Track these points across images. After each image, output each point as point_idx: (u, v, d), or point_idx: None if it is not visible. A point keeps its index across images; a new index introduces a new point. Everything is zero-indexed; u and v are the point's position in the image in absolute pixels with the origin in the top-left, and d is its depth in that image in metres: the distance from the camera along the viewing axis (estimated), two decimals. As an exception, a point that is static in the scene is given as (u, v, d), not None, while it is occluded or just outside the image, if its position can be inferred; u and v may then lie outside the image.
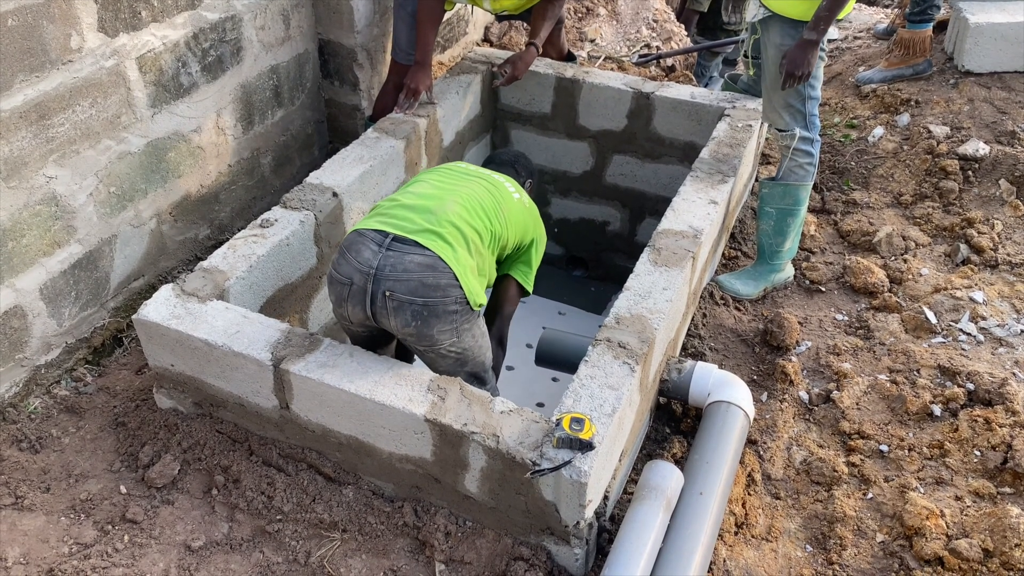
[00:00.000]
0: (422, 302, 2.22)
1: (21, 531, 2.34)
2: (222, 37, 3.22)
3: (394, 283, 2.21)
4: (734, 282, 3.31)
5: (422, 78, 3.40)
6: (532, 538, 2.24)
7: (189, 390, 2.57)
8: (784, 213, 3.23)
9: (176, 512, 2.39)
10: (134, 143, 2.97)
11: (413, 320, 2.24)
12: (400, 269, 2.22)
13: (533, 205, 2.73)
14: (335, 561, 2.26)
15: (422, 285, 2.21)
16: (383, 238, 2.28)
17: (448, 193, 2.43)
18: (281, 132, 3.73)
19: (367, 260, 2.25)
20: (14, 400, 2.75)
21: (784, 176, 3.23)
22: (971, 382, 2.78)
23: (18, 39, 2.45)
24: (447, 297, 2.24)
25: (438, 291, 2.22)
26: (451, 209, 2.37)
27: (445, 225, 2.31)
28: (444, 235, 2.29)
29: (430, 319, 2.24)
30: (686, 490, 2.30)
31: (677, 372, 2.66)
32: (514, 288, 2.76)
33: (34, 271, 2.72)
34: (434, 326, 2.26)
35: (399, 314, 2.24)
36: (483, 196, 2.48)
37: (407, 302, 2.22)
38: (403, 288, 2.21)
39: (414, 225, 2.30)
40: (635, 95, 3.71)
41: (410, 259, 2.23)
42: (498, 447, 2.08)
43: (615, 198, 4.09)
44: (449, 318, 2.27)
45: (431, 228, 2.29)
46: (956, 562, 2.27)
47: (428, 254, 2.24)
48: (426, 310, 2.23)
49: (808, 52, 2.93)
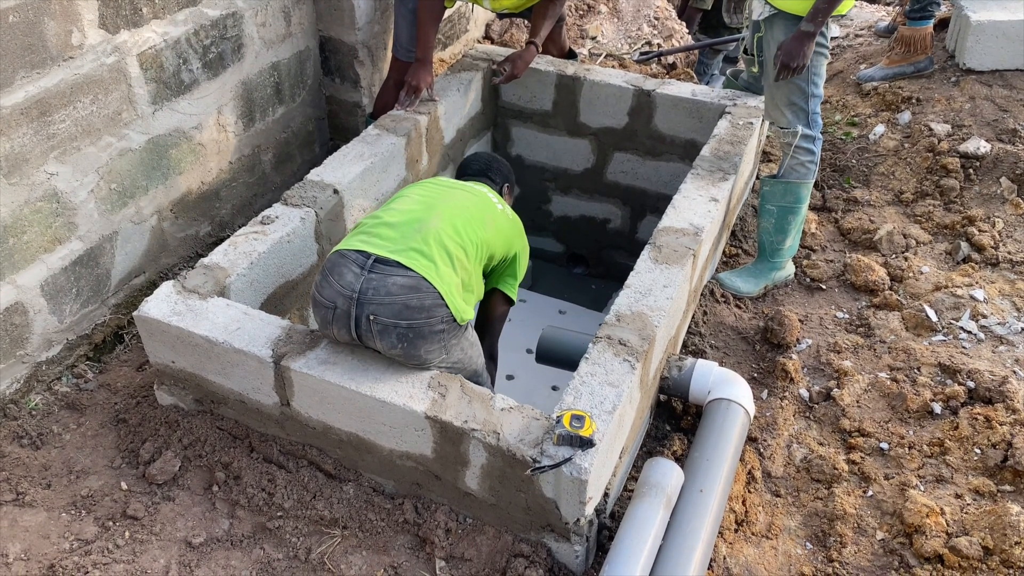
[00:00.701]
0: (407, 325, 2.17)
1: (22, 527, 2.34)
2: (223, 34, 3.22)
3: (377, 307, 2.17)
4: (735, 280, 3.31)
5: (423, 75, 3.39)
6: (532, 535, 2.25)
7: (190, 387, 2.58)
8: (785, 211, 3.23)
9: (177, 508, 2.39)
10: (135, 140, 2.97)
11: (399, 343, 2.20)
12: (383, 292, 2.17)
13: (516, 217, 2.70)
14: (335, 558, 2.26)
15: (406, 308, 2.17)
16: (365, 259, 2.23)
17: (431, 209, 2.40)
18: (282, 129, 3.73)
19: (350, 283, 2.20)
20: (15, 396, 2.75)
21: (785, 174, 3.23)
22: (971, 380, 2.78)
23: (19, 35, 2.45)
24: (432, 318, 2.20)
25: (423, 312, 2.18)
26: (435, 225, 2.33)
27: (429, 242, 2.27)
28: (427, 253, 2.25)
29: (416, 340, 2.20)
30: (686, 487, 2.30)
31: (678, 370, 2.66)
32: (501, 302, 2.76)
33: (35, 267, 2.72)
34: (421, 347, 2.22)
35: (384, 337, 2.20)
36: (469, 208, 2.46)
37: (391, 325, 2.17)
38: (387, 312, 2.17)
39: (396, 244, 2.26)
40: (636, 92, 3.71)
41: (392, 281, 2.19)
42: (498, 444, 2.08)
43: (616, 195, 4.09)
44: (436, 338, 2.24)
45: (413, 247, 2.26)
46: (956, 560, 2.27)
47: (411, 275, 2.20)
48: (411, 332, 2.19)
49: (804, 43, 2.93)
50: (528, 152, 4.12)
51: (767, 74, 3.16)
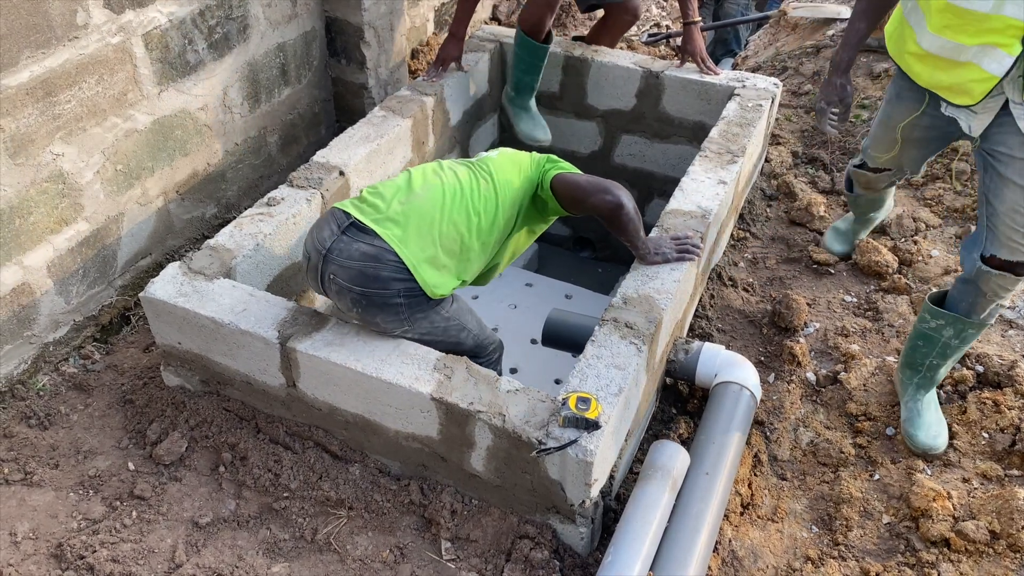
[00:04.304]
0: (360, 291, 2.22)
1: (30, 507, 2.36)
2: (228, 14, 3.20)
3: (338, 268, 2.23)
4: None
5: (451, 49, 3.54)
6: (538, 516, 2.25)
7: (196, 368, 2.58)
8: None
9: (184, 489, 2.40)
10: (140, 121, 2.96)
11: (354, 307, 2.25)
12: (345, 256, 2.22)
13: (513, 152, 2.60)
14: (341, 538, 2.27)
15: (361, 275, 2.21)
16: (344, 220, 2.28)
17: (425, 185, 2.37)
18: (288, 111, 3.71)
19: (323, 240, 2.27)
20: (23, 377, 2.76)
21: (989, 316, 2.50)
22: (980, 364, 2.76)
23: (24, 15, 2.44)
24: (387, 290, 2.21)
25: (377, 282, 2.20)
26: (420, 199, 2.31)
27: (408, 215, 2.27)
28: (402, 224, 2.25)
29: (370, 308, 2.24)
30: (692, 470, 2.30)
31: (684, 352, 2.66)
32: (565, 175, 2.49)
33: (41, 249, 2.72)
34: (376, 315, 2.25)
35: (341, 298, 2.27)
36: (465, 184, 2.40)
37: (347, 288, 2.23)
38: (344, 275, 2.22)
39: (377, 213, 2.28)
40: (644, 74, 3.68)
41: (356, 247, 2.22)
42: (504, 426, 2.08)
43: (623, 178, 4.06)
44: (393, 310, 2.25)
45: (392, 217, 2.27)
46: (962, 544, 2.27)
47: (376, 244, 2.22)
48: (364, 299, 2.22)
49: None
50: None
51: (1003, 194, 2.28)
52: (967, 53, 2.15)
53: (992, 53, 2.10)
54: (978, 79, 2.17)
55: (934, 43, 2.23)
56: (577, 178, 2.47)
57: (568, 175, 2.48)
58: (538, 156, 2.58)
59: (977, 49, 2.12)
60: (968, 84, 2.21)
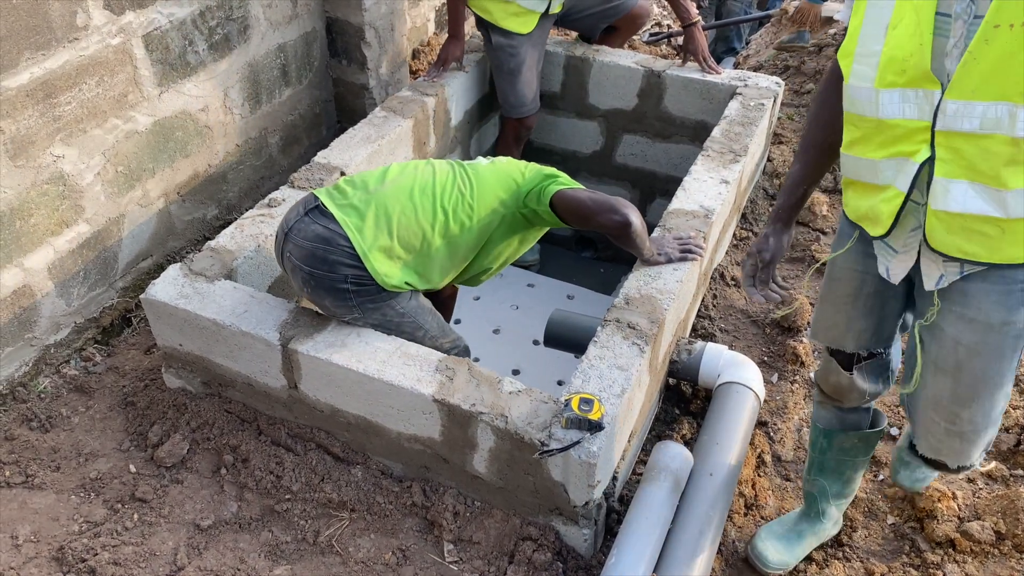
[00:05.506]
0: (308, 271, 2.26)
1: (32, 509, 2.35)
2: (229, 15, 3.20)
3: (293, 247, 2.28)
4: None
5: (452, 49, 3.57)
6: (540, 518, 2.24)
7: (198, 370, 2.57)
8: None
9: (185, 491, 2.39)
10: (141, 122, 2.96)
11: (304, 286, 2.30)
12: (301, 236, 2.27)
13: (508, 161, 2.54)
14: (344, 540, 2.26)
15: (312, 256, 2.25)
16: (312, 202, 2.32)
17: (403, 178, 2.35)
18: (289, 111, 3.71)
19: (289, 219, 2.33)
20: (24, 379, 2.76)
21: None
22: (985, 364, 2.75)
23: (23, 16, 2.43)
24: (334, 273, 2.24)
25: (325, 265, 2.24)
26: (392, 187, 2.31)
27: (370, 203, 2.28)
28: (362, 212, 2.27)
29: (318, 289, 2.28)
30: (696, 471, 2.29)
31: (687, 353, 2.65)
32: (567, 192, 2.37)
33: (42, 250, 2.71)
34: (324, 298, 2.29)
35: (294, 277, 2.32)
36: (445, 178, 2.38)
37: (298, 267, 2.28)
38: (298, 253, 2.27)
39: (343, 199, 2.31)
40: (646, 74, 3.67)
41: (312, 229, 2.26)
42: (506, 427, 2.07)
43: (625, 178, 4.06)
44: (341, 295, 2.27)
45: (354, 204, 2.29)
46: (968, 544, 2.26)
47: (331, 228, 2.25)
48: (313, 280, 2.26)
49: None
50: (536, 134, 4.08)
51: (965, 378, 1.78)
52: (881, 169, 1.67)
53: (904, 166, 1.62)
54: (886, 198, 1.68)
55: (848, 163, 1.75)
56: (580, 196, 2.36)
57: (569, 192, 2.36)
58: (536, 170, 2.46)
59: (891, 162, 1.64)
60: (878, 206, 1.70)
